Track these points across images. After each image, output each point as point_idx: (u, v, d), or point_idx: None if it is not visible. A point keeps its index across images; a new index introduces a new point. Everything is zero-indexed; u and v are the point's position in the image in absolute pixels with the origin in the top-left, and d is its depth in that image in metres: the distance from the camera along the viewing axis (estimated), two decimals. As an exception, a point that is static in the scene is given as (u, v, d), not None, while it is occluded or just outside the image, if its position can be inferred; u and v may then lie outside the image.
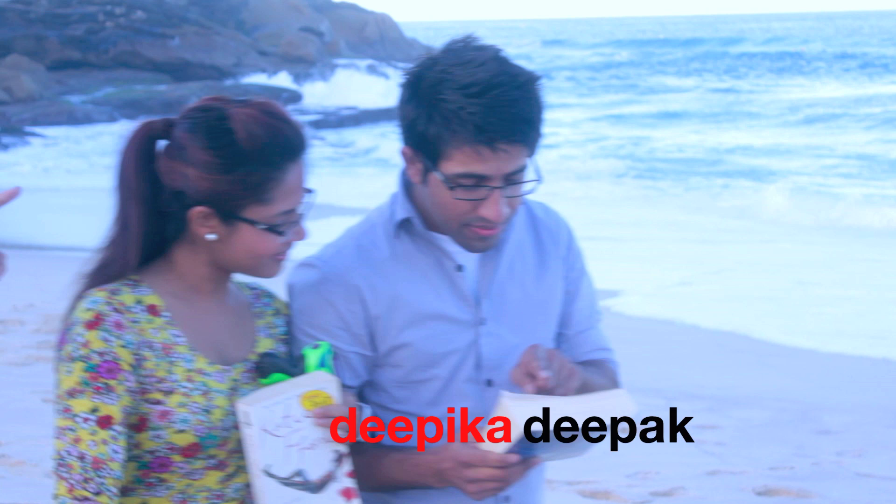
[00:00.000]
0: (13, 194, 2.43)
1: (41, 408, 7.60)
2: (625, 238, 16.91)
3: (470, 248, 2.65)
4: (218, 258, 2.54)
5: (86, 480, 2.36)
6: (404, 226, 2.70)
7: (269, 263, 2.55)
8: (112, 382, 2.40)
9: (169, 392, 2.45)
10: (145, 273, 2.53)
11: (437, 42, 2.63)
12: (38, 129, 33.11)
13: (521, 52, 75.81)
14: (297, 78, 42.05)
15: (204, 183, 2.47)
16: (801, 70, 58.88)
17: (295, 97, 39.33)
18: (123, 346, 2.42)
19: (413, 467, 2.62)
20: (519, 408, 2.46)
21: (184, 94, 37.50)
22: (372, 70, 44.41)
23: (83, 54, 41.20)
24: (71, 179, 24.08)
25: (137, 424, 2.45)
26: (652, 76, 56.93)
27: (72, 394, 2.40)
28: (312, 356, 2.56)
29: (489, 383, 2.69)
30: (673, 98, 44.91)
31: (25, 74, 36.51)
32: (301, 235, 2.57)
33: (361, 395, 2.71)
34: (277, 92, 37.85)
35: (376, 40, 51.86)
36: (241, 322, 2.61)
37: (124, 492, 2.46)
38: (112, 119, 35.45)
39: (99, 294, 2.46)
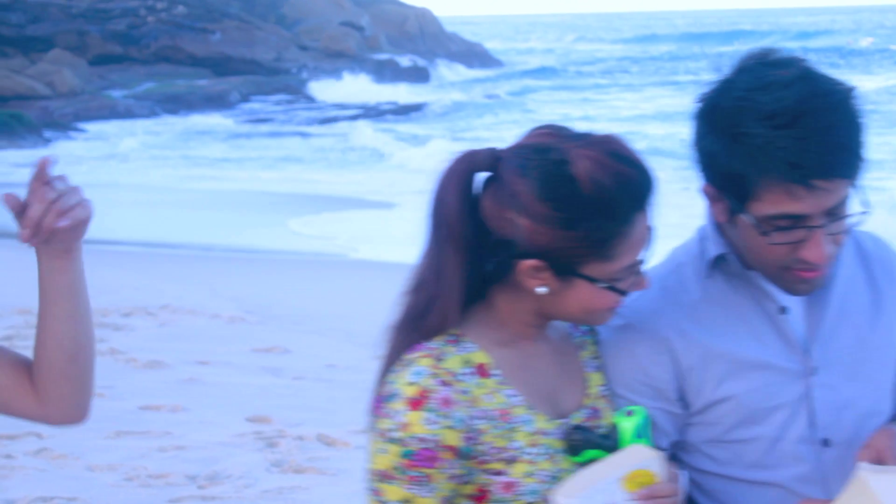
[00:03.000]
0: (48, 163, 2.24)
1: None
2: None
3: (792, 292, 2.32)
4: (545, 309, 2.24)
5: None
6: (717, 264, 2.38)
7: (603, 315, 2.27)
8: (430, 472, 2.14)
9: (511, 461, 2.18)
10: (465, 324, 2.23)
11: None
12: (79, 124, 33.34)
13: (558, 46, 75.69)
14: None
15: (540, 238, 2.16)
16: (852, 64, 58.56)
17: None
18: (451, 427, 2.14)
19: None
20: (882, 482, 2.11)
21: (224, 89, 37.64)
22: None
23: (125, 49, 41.50)
24: (110, 174, 24.23)
25: (477, 495, 2.20)
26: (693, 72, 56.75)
27: (383, 477, 2.15)
28: (627, 426, 2.26)
29: (826, 443, 2.34)
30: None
31: (67, 69, 36.80)
32: (642, 285, 2.25)
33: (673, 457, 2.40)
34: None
35: (416, 35, 51.93)
36: (568, 360, 2.33)
37: None
38: (153, 114, 35.65)
39: (423, 363, 2.17)
